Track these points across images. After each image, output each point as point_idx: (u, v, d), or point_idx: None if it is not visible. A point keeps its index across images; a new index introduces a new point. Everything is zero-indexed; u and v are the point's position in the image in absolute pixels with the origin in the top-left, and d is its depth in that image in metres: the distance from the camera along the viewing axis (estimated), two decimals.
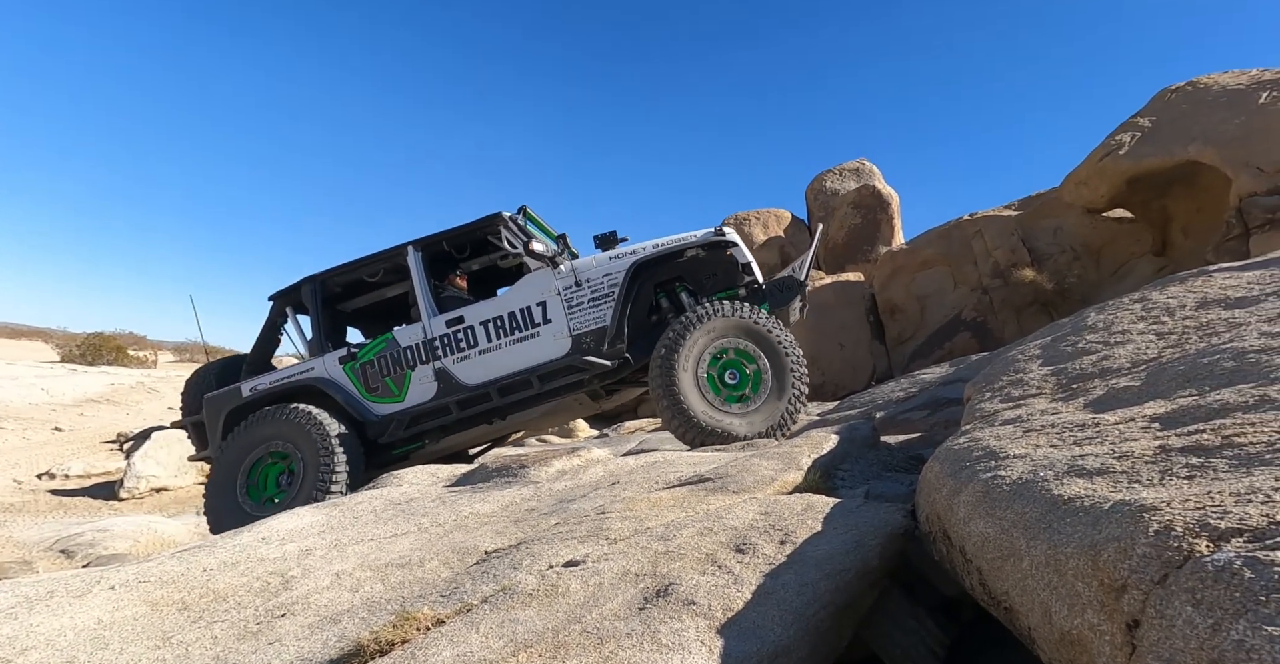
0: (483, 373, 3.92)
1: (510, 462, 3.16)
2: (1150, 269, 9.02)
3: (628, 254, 3.98)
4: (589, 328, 3.87)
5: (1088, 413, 1.70)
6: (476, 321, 3.95)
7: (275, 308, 4.34)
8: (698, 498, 2.14)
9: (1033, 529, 1.08)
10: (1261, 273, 2.46)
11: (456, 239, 4.18)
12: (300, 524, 2.62)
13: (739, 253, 4.07)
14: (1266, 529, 0.76)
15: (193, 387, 4.44)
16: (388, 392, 3.98)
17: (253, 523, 3.21)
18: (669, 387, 3.57)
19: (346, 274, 4.23)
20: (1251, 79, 8.02)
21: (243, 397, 4.06)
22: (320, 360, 4.08)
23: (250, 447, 3.88)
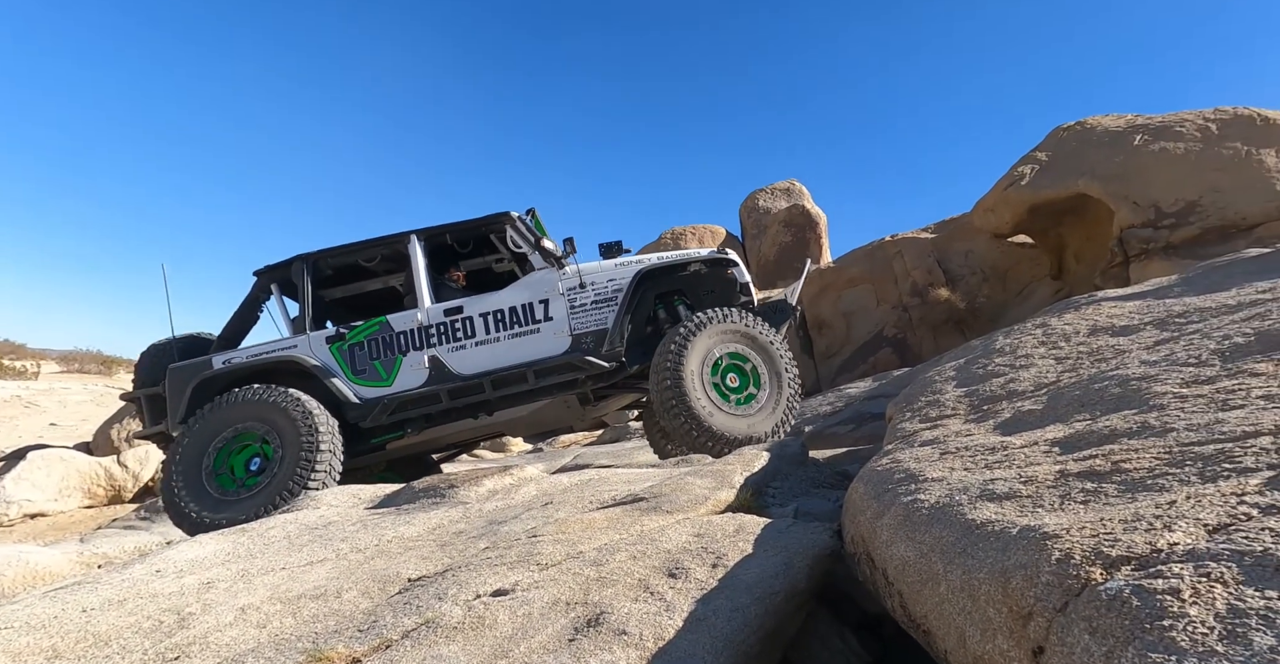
0: (478, 363, 3.92)
1: (439, 481, 3.05)
2: (1049, 291, 9.81)
3: (633, 262, 4.10)
4: (590, 329, 3.95)
5: (997, 435, 1.82)
6: (476, 313, 3.97)
7: (260, 284, 4.18)
8: (632, 518, 2.13)
9: (949, 553, 1.14)
10: (1141, 303, 2.71)
11: (461, 233, 4.21)
12: (202, 554, 2.42)
13: (739, 272, 4.27)
14: (1149, 557, 0.83)
15: (151, 357, 4.17)
16: (375, 375, 3.91)
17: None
18: (678, 388, 3.64)
19: (342, 256, 4.14)
20: (1128, 123, 8.92)
21: (213, 368, 3.85)
22: (304, 338, 3.97)
23: (221, 426, 3.66)
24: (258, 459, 3.71)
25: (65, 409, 13.81)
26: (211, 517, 3.47)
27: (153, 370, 4.09)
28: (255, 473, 3.67)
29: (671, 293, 4.22)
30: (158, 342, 4.28)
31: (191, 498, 3.55)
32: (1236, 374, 1.57)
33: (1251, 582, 0.72)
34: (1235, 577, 0.74)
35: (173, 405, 3.84)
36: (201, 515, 3.50)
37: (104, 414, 10.94)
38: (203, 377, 3.85)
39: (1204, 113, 8.42)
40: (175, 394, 3.85)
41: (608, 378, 4.02)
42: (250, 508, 3.47)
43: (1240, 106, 8.27)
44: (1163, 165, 8.11)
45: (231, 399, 3.70)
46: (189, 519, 3.51)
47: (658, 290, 4.15)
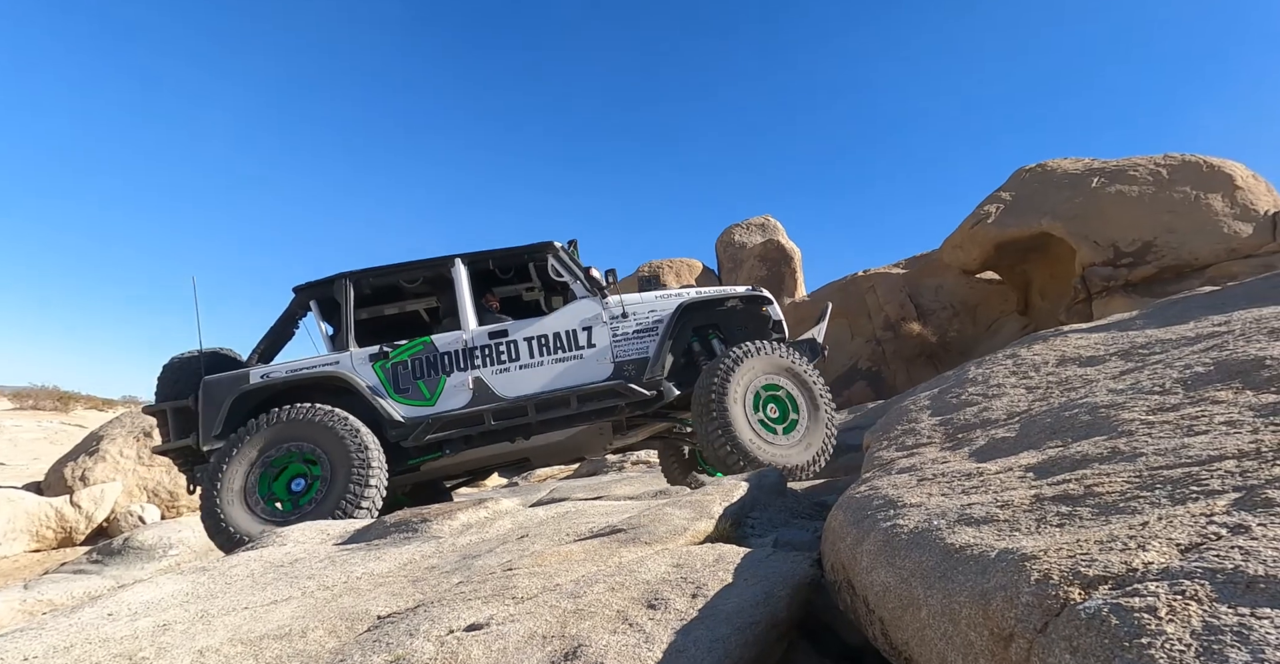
0: (521, 386, 3.98)
1: (411, 515, 2.96)
2: (1016, 326, 10.08)
3: (673, 295, 4.29)
4: (631, 357, 4.07)
5: (973, 462, 1.83)
6: (520, 336, 4.05)
7: (299, 300, 4.20)
8: (610, 550, 2.09)
9: (929, 578, 1.14)
10: (1105, 335, 2.80)
11: (504, 260, 4.31)
12: (159, 595, 2.30)
13: (773, 310, 4.46)
14: (1126, 576, 0.84)
15: (176, 370, 4.06)
16: (418, 394, 3.94)
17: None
18: (723, 417, 3.71)
19: (384, 276, 4.19)
20: (1085, 166, 9.36)
21: (251, 383, 3.81)
22: (346, 355, 3.98)
23: (268, 444, 3.61)
24: (300, 479, 3.65)
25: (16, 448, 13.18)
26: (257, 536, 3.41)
27: (178, 383, 3.99)
28: (299, 493, 3.62)
29: (707, 326, 4.35)
30: (181, 354, 4.19)
31: (236, 516, 3.48)
32: (1199, 401, 1.62)
33: (1225, 599, 0.73)
34: (1209, 594, 0.75)
35: (207, 419, 3.74)
36: (245, 535, 3.44)
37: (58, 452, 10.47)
38: (241, 390, 3.77)
39: (1155, 158, 8.89)
40: (210, 408, 3.75)
41: (645, 406, 4.12)
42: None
43: (1188, 153, 8.75)
44: (1119, 207, 8.50)
45: (278, 417, 3.64)
46: (232, 539, 3.44)
47: (695, 323, 4.29)
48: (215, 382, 3.82)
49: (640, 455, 8.81)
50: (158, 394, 4.04)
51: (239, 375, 3.84)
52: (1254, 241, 7.77)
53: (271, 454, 3.62)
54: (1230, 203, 7.99)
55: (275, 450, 3.62)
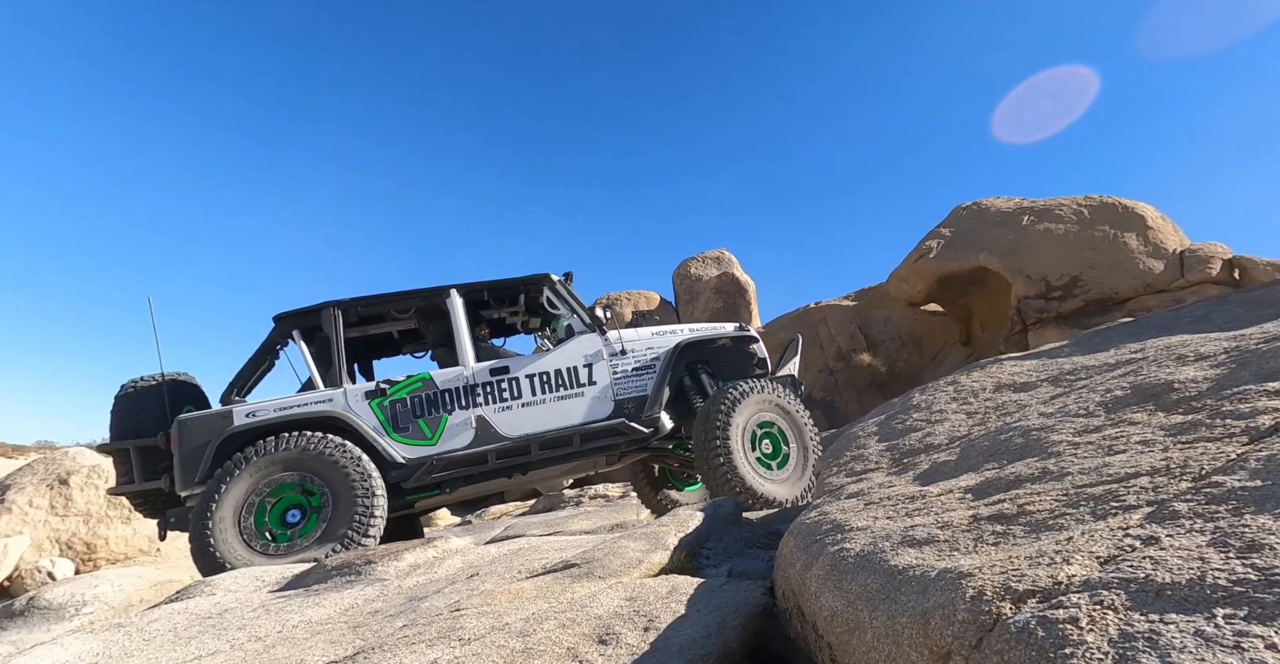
0: (524, 425, 3.92)
1: (354, 558, 2.83)
2: (960, 356, 10.49)
3: (668, 332, 4.33)
4: (631, 395, 4.09)
5: (916, 485, 1.88)
6: (522, 373, 3.98)
7: (279, 329, 3.98)
8: (562, 586, 2.04)
9: (874, 600, 1.15)
10: (1037, 363, 2.95)
11: (499, 291, 4.28)
12: (63, 658, 2.11)
13: (759, 348, 4.60)
14: (1052, 589, 0.88)
15: (134, 402, 3.76)
16: (419, 434, 3.81)
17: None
18: (726, 453, 3.78)
19: (373, 306, 4.05)
20: (1017, 205, 9.98)
21: (237, 424, 3.59)
22: (339, 392, 3.77)
23: (264, 475, 3.44)
24: (296, 510, 3.51)
25: None
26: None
27: (139, 417, 3.70)
28: (295, 524, 3.49)
29: (697, 361, 4.42)
30: (136, 381, 3.88)
31: (232, 553, 3.33)
32: (1119, 423, 1.71)
33: (1138, 607, 0.77)
34: (1124, 603, 0.79)
35: (187, 464, 3.49)
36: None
37: None
38: (228, 433, 3.54)
39: (1077, 199, 9.55)
40: (191, 450, 3.50)
41: (642, 442, 4.13)
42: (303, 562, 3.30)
43: (1105, 195, 9.45)
44: (1048, 244, 9.06)
45: (274, 447, 3.46)
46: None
47: (687, 359, 4.36)
48: (194, 421, 3.56)
49: (598, 489, 8.68)
50: (114, 429, 3.73)
51: (220, 414, 3.60)
52: (1165, 277, 8.38)
53: (266, 486, 3.46)
54: (1144, 241, 8.63)
55: (271, 481, 3.46)
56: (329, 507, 3.46)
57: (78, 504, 8.29)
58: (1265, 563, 0.77)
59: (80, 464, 8.47)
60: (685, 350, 4.31)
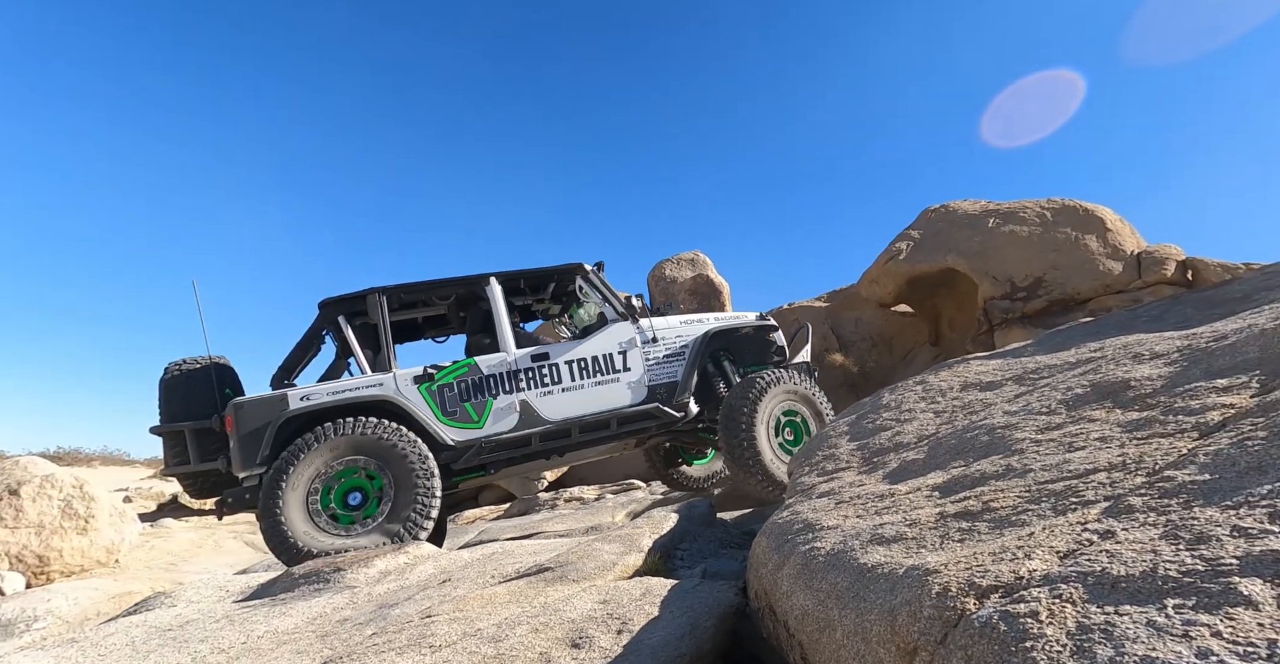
0: (565, 409, 4.08)
1: (322, 566, 2.77)
2: (929, 356, 10.69)
3: (695, 321, 4.55)
4: (663, 381, 4.30)
5: (886, 484, 1.91)
6: (561, 359, 4.15)
7: (326, 315, 4.10)
8: (536, 590, 2.02)
9: (844, 598, 1.17)
10: (1002, 362, 3.02)
11: (534, 279, 4.45)
12: None
13: (778, 337, 4.82)
14: (1014, 584, 0.90)
15: (187, 384, 3.90)
16: (466, 418, 3.96)
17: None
18: (751, 441, 3.95)
19: (416, 292, 4.22)
20: (983, 207, 10.22)
21: (293, 408, 3.70)
22: (389, 377, 3.89)
23: (332, 458, 3.58)
24: (356, 493, 3.65)
25: None
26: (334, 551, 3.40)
27: (191, 400, 3.85)
28: (356, 507, 3.63)
29: (720, 349, 4.63)
30: (180, 364, 3.99)
31: (300, 531, 3.46)
32: (1079, 420, 1.76)
33: (1094, 599, 0.79)
34: (1081, 596, 0.81)
35: (246, 445, 3.61)
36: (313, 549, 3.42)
37: None
38: (286, 415, 3.67)
39: (1040, 202, 9.82)
40: (249, 433, 3.62)
41: (671, 426, 4.32)
42: (373, 542, 3.47)
43: (1067, 198, 9.73)
44: (1013, 245, 9.29)
45: (334, 432, 3.59)
46: (300, 553, 3.42)
47: (713, 347, 4.57)
48: (250, 404, 3.68)
49: (573, 492, 8.64)
50: (166, 411, 3.84)
51: (276, 397, 3.71)
52: (1124, 278, 8.66)
53: (332, 468, 3.59)
54: (1103, 243, 8.91)
55: (337, 464, 3.60)
56: (391, 490, 3.60)
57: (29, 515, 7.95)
58: (1212, 554, 0.80)
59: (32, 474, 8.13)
60: (713, 339, 4.52)
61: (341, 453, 3.60)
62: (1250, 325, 1.90)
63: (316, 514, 3.52)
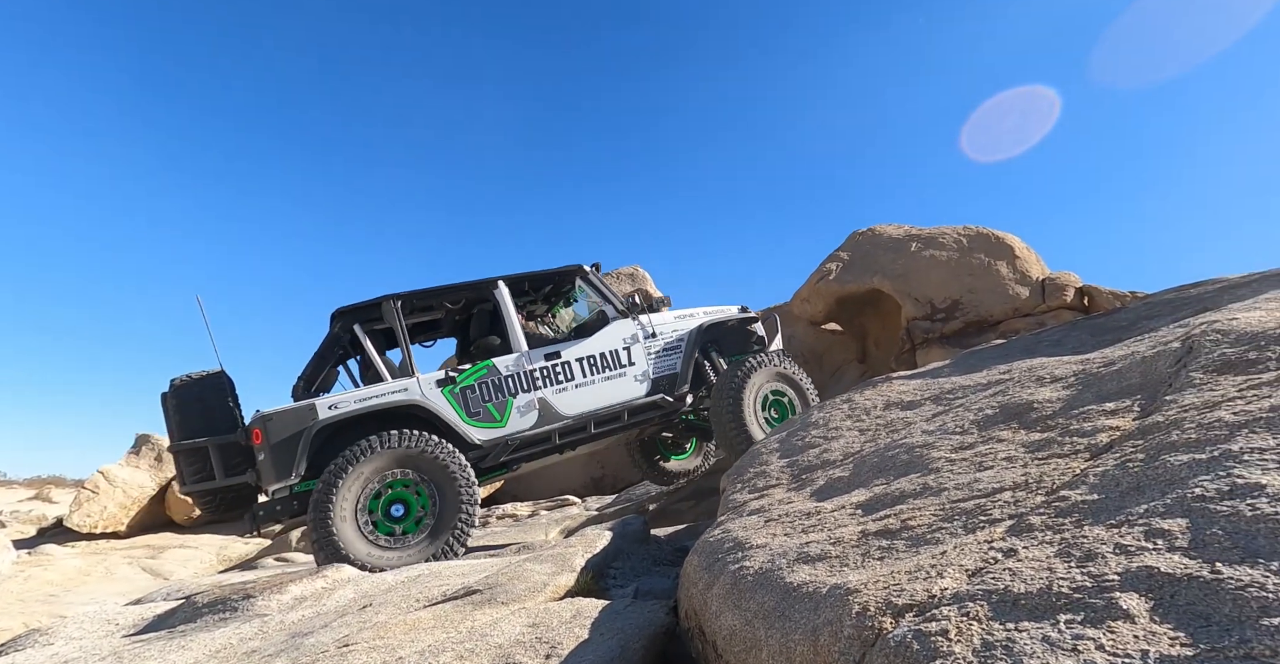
0: (578, 404, 4.26)
1: (230, 592, 2.58)
2: (856, 373, 11.15)
3: (687, 316, 4.84)
4: (665, 373, 4.57)
5: (813, 501, 1.97)
6: (572, 357, 4.33)
7: (342, 324, 4.16)
8: (463, 614, 1.96)
9: (770, 618, 1.19)
10: (921, 382, 3.19)
11: (537, 281, 4.65)
12: None
13: (758, 327, 5.19)
14: (927, 603, 0.95)
15: (199, 401, 3.85)
16: (489, 417, 4.07)
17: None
18: (738, 414, 4.22)
19: (428, 298, 4.30)
20: (906, 232, 10.82)
21: (320, 417, 3.70)
22: (412, 381, 3.96)
23: (373, 473, 3.60)
24: (399, 505, 3.69)
25: None
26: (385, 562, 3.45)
27: (209, 415, 3.82)
28: (398, 518, 3.67)
29: (709, 340, 4.94)
30: (185, 379, 3.96)
31: (352, 542, 3.48)
32: (989, 440, 1.88)
33: (997, 616, 0.85)
34: (986, 613, 0.86)
35: (281, 456, 3.59)
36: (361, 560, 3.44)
37: None
38: (319, 424, 3.67)
39: (958, 229, 10.48)
40: (282, 445, 3.61)
41: (674, 413, 4.58)
42: (422, 555, 3.53)
43: (981, 226, 10.43)
44: (933, 269, 9.86)
45: (380, 444, 3.62)
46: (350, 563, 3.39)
47: (704, 340, 4.86)
48: (279, 415, 3.67)
49: (506, 508, 8.45)
50: (182, 426, 3.78)
51: (305, 408, 3.71)
52: (1030, 302, 9.35)
53: (384, 478, 3.64)
54: (1013, 269, 9.60)
55: (384, 476, 3.64)
56: (435, 505, 3.68)
57: None
58: (1098, 570, 0.87)
59: None
60: (705, 332, 4.83)
61: (389, 465, 3.65)
62: (1134, 353, 2.08)
63: (365, 525, 3.57)
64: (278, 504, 3.66)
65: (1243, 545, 0.81)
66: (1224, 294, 3.08)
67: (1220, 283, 3.84)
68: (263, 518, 3.68)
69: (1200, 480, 1.00)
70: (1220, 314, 2.09)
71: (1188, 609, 0.74)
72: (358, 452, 3.56)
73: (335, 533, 3.43)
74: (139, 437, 11.61)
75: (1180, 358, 1.77)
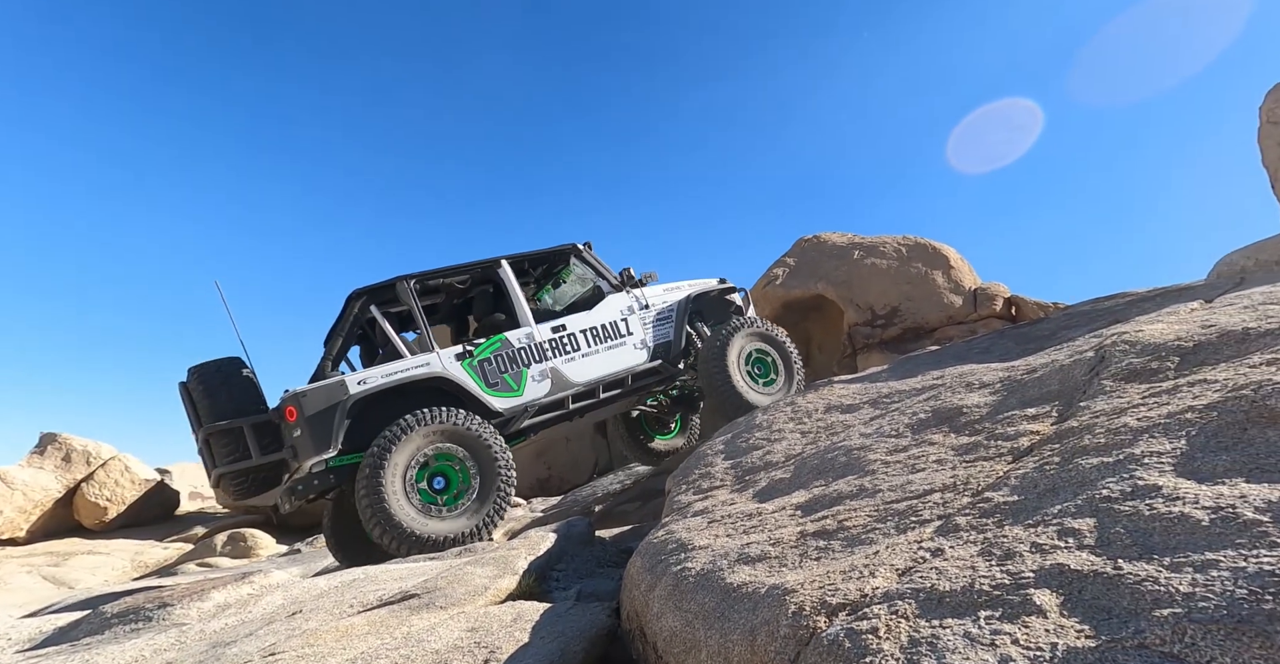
0: (586, 372, 4.56)
1: (144, 601, 2.43)
2: None
3: (675, 289, 5.20)
4: (661, 341, 4.92)
5: (755, 503, 2.02)
6: (577, 329, 4.64)
7: (361, 303, 4.32)
8: (399, 619, 1.90)
9: (710, 618, 1.21)
10: (860, 386, 3.30)
11: (536, 260, 4.91)
12: None
13: (737, 297, 5.58)
14: (859, 602, 0.98)
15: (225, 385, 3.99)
16: (506, 387, 4.31)
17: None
18: (725, 377, 4.61)
19: (439, 277, 4.53)
20: (849, 240, 11.19)
21: (349, 392, 3.87)
22: (433, 356, 4.16)
23: (420, 446, 3.79)
24: (440, 478, 3.86)
25: None
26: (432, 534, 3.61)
27: (239, 398, 3.96)
28: (440, 491, 3.83)
29: (695, 310, 5.32)
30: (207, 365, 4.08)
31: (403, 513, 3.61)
32: (921, 443, 1.97)
33: (924, 614, 0.89)
34: (914, 611, 0.90)
35: (319, 431, 3.73)
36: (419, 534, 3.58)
37: None
38: (352, 399, 3.83)
39: (898, 238, 10.92)
40: (318, 421, 3.75)
41: (671, 378, 4.94)
42: (468, 524, 3.73)
43: (919, 237, 10.90)
44: (874, 276, 10.24)
45: (424, 420, 3.79)
46: (403, 533, 3.57)
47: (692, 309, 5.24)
48: (312, 392, 3.83)
49: None
50: (212, 410, 3.89)
51: (335, 384, 3.87)
52: (964, 311, 9.83)
53: (428, 453, 3.79)
54: (948, 279, 10.06)
55: (430, 450, 3.80)
56: (474, 480, 3.87)
57: None
58: (1016, 568, 0.92)
59: None
60: (694, 301, 5.23)
61: (435, 440, 3.83)
62: (1053, 361, 2.22)
63: (413, 496, 3.71)
64: (315, 479, 3.79)
65: (1141, 542, 0.88)
66: (1132, 307, 3.32)
67: (1130, 296, 4.13)
68: (300, 492, 3.84)
69: (1107, 482, 1.08)
70: (1129, 326, 2.25)
71: (1093, 603, 0.79)
72: (405, 425, 3.76)
73: (387, 502, 3.59)
74: (44, 435, 10.78)
75: (1093, 366, 1.89)
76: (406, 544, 3.56)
